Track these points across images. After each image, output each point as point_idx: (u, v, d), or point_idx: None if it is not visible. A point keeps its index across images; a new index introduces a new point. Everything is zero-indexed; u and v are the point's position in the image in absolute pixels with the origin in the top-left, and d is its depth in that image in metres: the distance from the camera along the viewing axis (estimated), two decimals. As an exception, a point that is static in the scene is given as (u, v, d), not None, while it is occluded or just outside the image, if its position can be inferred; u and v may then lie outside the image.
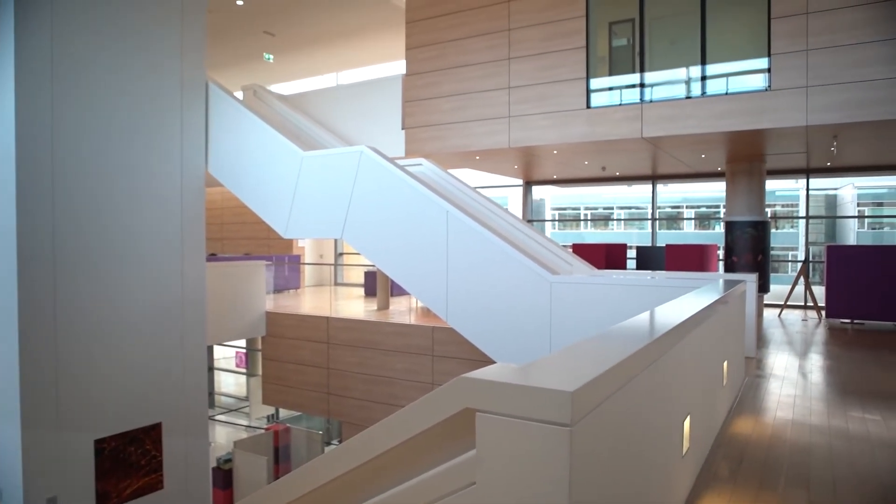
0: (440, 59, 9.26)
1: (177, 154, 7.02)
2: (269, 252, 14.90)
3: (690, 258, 10.38)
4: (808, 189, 11.83)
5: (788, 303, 10.18)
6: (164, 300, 6.82)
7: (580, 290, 5.15)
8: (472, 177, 12.94)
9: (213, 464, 8.95)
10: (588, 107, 8.11)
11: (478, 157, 9.94)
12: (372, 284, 12.31)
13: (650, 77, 7.94)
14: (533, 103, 8.48)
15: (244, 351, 14.27)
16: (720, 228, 11.81)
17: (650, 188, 12.99)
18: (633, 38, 8.11)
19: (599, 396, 1.51)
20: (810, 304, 10.18)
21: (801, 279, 9.69)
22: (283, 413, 13.01)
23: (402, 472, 2.01)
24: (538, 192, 15.01)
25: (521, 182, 13.88)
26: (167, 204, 6.88)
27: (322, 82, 15.46)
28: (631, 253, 12.14)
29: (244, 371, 14.63)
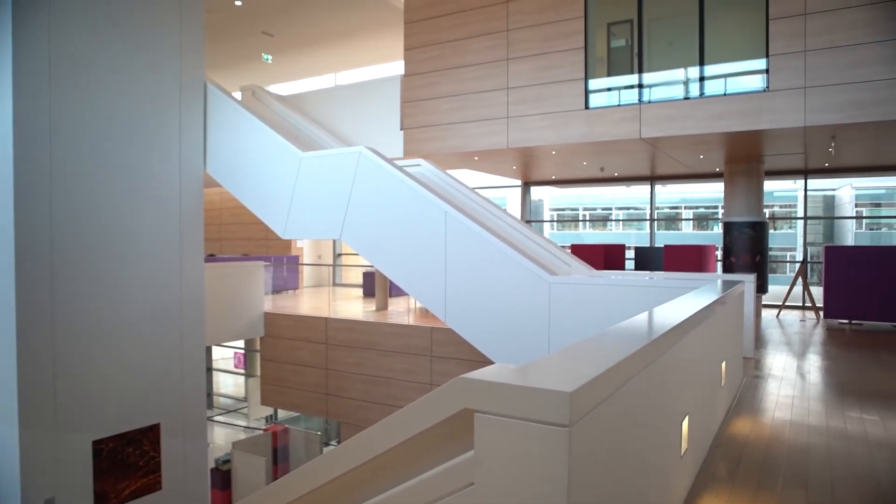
0: (439, 59, 9.27)
1: (175, 154, 7.01)
2: (267, 253, 14.89)
3: (689, 259, 10.39)
4: (806, 190, 11.84)
5: (787, 303, 10.19)
6: (162, 301, 6.81)
7: (579, 290, 5.15)
8: (470, 177, 12.95)
9: (212, 464, 8.94)
10: (586, 107, 8.12)
11: (476, 158, 9.94)
12: (370, 285, 12.31)
13: (648, 78, 7.95)
14: (531, 104, 8.49)
15: (243, 352, 14.25)
16: (718, 229, 11.82)
17: (648, 189, 13.01)
18: (632, 39, 8.12)
19: (598, 397, 1.51)
20: (808, 304, 10.19)
21: (800, 280, 9.70)
22: (281, 414, 13.00)
23: (400, 473, 2.01)
24: (537, 192, 15.02)
25: (519, 182, 13.88)
26: (165, 204, 6.88)
27: (320, 83, 15.45)
28: (629, 253, 12.15)
29: (243, 372, 14.61)
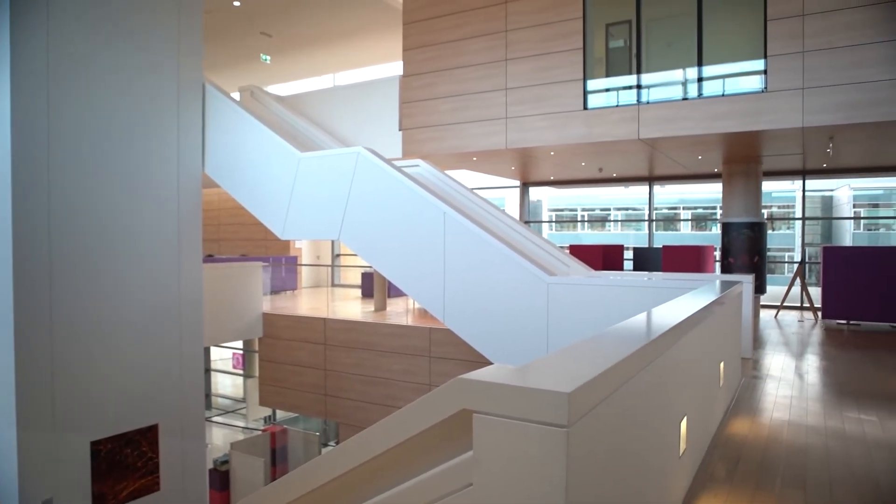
0: (437, 60, 9.27)
1: (174, 155, 7.01)
2: (266, 253, 14.88)
3: (687, 259, 10.40)
4: (804, 190, 11.86)
5: (785, 304, 10.20)
6: (160, 301, 6.80)
7: (577, 291, 5.15)
8: (469, 178, 12.96)
9: (210, 465, 8.93)
10: (585, 108, 8.12)
11: (475, 159, 9.95)
12: (369, 286, 12.30)
13: (647, 78, 7.96)
14: (530, 104, 8.49)
15: (241, 352, 14.24)
16: (717, 230, 11.84)
17: (647, 189, 13.02)
18: (630, 40, 8.13)
19: (596, 398, 1.52)
20: (806, 305, 10.20)
21: (798, 280, 9.71)
22: (280, 414, 12.99)
23: (399, 474, 2.01)
24: (535, 193, 15.04)
25: (518, 183, 13.89)
26: (164, 205, 6.87)
27: (319, 83, 15.45)
28: (628, 254, 12.16)
29: (241, 372, 14.60)
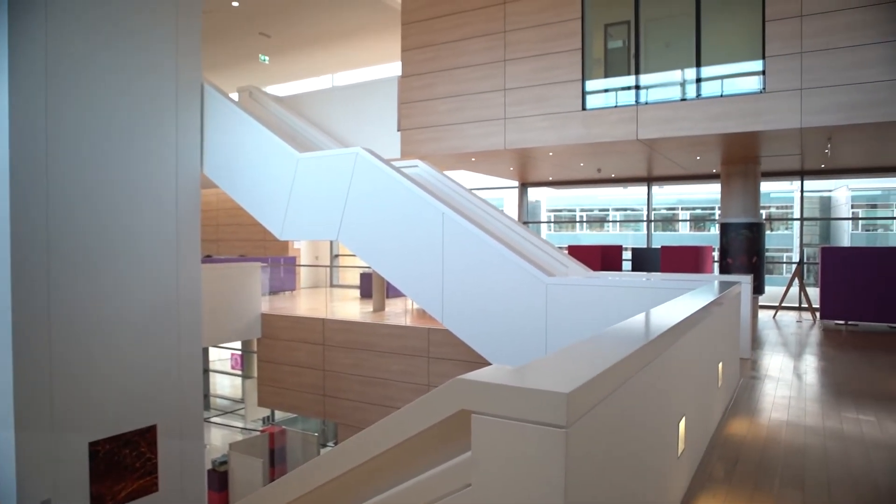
0: (436, 60, 9.27)
1: (172, 155, 7.00)
2: (264, 254, 14.87)
3: (686, 260, 10.41)
4: (802, 191, 11.88)
5: (783, 304, 10.21)
6: (159, 301, 6.79)
7: (576, 291, 5.16)
8: (467, 178, 12.97)
9: (209, 466, 8.92)
10: (584, 109, 8.13)
11: (473, 159, 9.95)
12: (368, 286, 12.29)
13: (645, 79, 7.97)
14: (529, 105, 8.49)
15: (239, 353, 14.23)
16: (715, 230, 11.84)
17: (645, 190, 13.03)
18: (629, 41, 8.13)
19: (595, 398, 1.52)
20: (805, 305, 10.22)
21: (796, 281, 9.72)
22: (278, 415, 12.98)
23: (397, 474, 2.01)
24: (534, 193, 15.04)
25: (516, 184, 13.89)
26: (162, 205, 6.86)
27: (318, 84, 15.45)
28: (626, 254, 12.16)
29: (239, 373, 14.59)
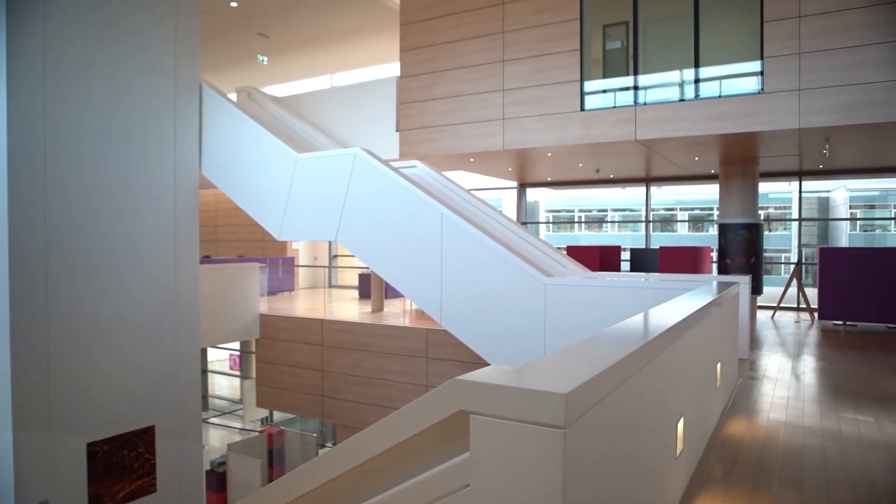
0: (434, 61, 9.27)
1: (170, 156, 6.99)
2: (263, 254, 14.86)
3: (684, 260, 10.41)
4: (800, 191, 11.90)
5: (781, 305, 10.22)
6: (157, 302, 6.78)
7: (574, 292, 5.16)
8: (466, 179, 12.97)
9: (207, 467, 8.90)
10: (582, 109, 8.13)
11: (472, 160, 9.95)
12: (366, 286, 12.29)
13: (644, 80, 7.97)
14: (527, 105, 8.50)
15: (238, 353, 14.22)
16: (713, 231, 11.85)
17: (644, 190, 13.04)
18: (627, 41, 8.14)
19: (593, 398, 1.52)
20: (803, 305, 10.23)
21: (794, 281, 9.73)
22: (276, 416, 12.97)
23: (396, 475, 2.00)
24: (532, 194, 15.04)
25: (515, 184, 13.89)
26: (161, 206, 6.85)
27: (316, 84, 15.44)
28: (625, 255, 12.17)
29: (238, 374, 14.57)
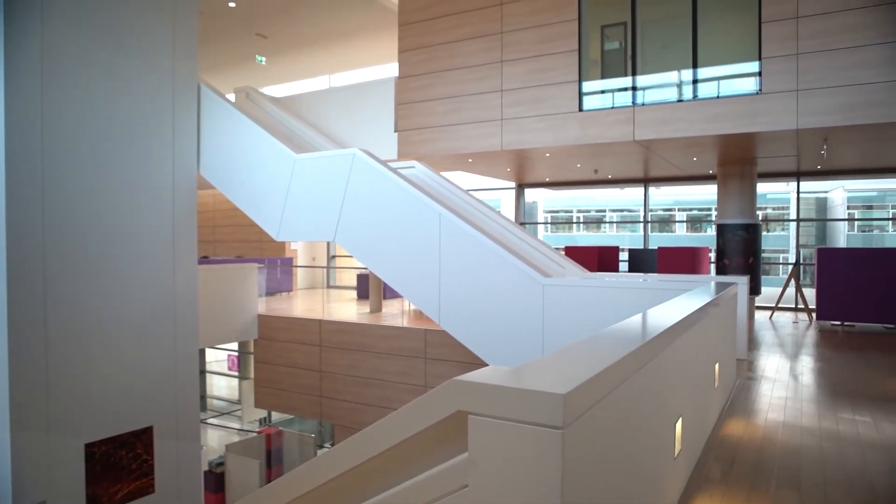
0: (433, 61, 9.27)
1: (169, 156, 6.98)
2: (261, 255, 14.85)
3: (682, 261, 10.42)
4: (798, 192, 11.92)
5: (779, 305, 10.24)
6: (155, 302, 6.77)
7: (572, 292, 5.16)
8: (464, 179, 12.96)
9: (205, 467, 8.89)
10: (580, 110, 8.14)
11: (470, 160, 9.95)
12: (364, 287, 12.29)
13: (642, 80, 7.98)
14: (526, 106, 8.50)
15: (236, 354, 14.20)
16: (712, 231, 11.87)
17: (642, 191, 13.05)
18: (626, 42, 8.15)
19: (591, 399, 1.52)
20: (801, 306, 10.24)
21: (792, 281, 9.75)
22: (275, 416, 12.96)
23: (394, 475, 2.00)
24: (531, 194, 15.06)
25: (513, 184, 13.90)
26: (159, 206, 6.85)
27: (315, 85, 15.43)
28: (623, 255, 12.18)
29: (236, 374, 14.56)
